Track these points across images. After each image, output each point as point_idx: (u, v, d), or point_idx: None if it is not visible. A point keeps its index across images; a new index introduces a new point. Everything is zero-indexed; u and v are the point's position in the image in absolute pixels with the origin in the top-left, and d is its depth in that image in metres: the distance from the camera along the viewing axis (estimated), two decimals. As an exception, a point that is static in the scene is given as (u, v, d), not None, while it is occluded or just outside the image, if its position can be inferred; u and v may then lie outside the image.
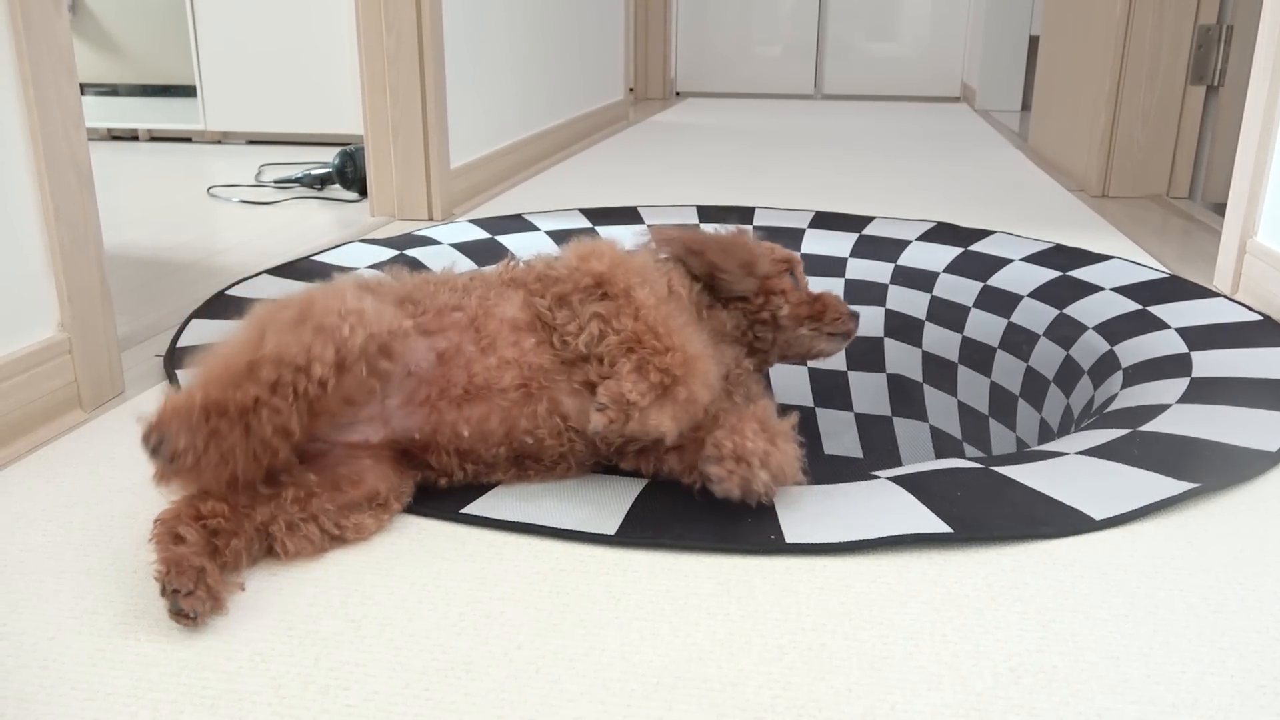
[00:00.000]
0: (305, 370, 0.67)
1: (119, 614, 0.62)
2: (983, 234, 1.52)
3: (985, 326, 1.31)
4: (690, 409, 0.73)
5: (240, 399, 0.65)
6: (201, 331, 1.11)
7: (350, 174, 2.02)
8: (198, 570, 0.61)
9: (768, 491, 0.72)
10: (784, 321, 0.94)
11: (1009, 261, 1.39)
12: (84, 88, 3.58)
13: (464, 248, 1.48)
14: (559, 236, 1.55)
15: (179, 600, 0.59)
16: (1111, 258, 1.38)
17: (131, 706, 0.54)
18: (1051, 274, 1.33)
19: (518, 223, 1.61)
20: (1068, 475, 0.78)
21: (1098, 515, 0.72)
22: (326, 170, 2.08)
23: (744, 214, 1.66)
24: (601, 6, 2.99)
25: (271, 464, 0.69)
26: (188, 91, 2.97)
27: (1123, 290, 1.24)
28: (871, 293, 1.44)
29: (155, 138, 2.95)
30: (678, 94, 4.36)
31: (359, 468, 0.73)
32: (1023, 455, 0.83)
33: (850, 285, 1.45)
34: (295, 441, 0.69)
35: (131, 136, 2.97)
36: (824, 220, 1.62)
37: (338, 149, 2.08)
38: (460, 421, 0.76)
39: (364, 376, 0.70)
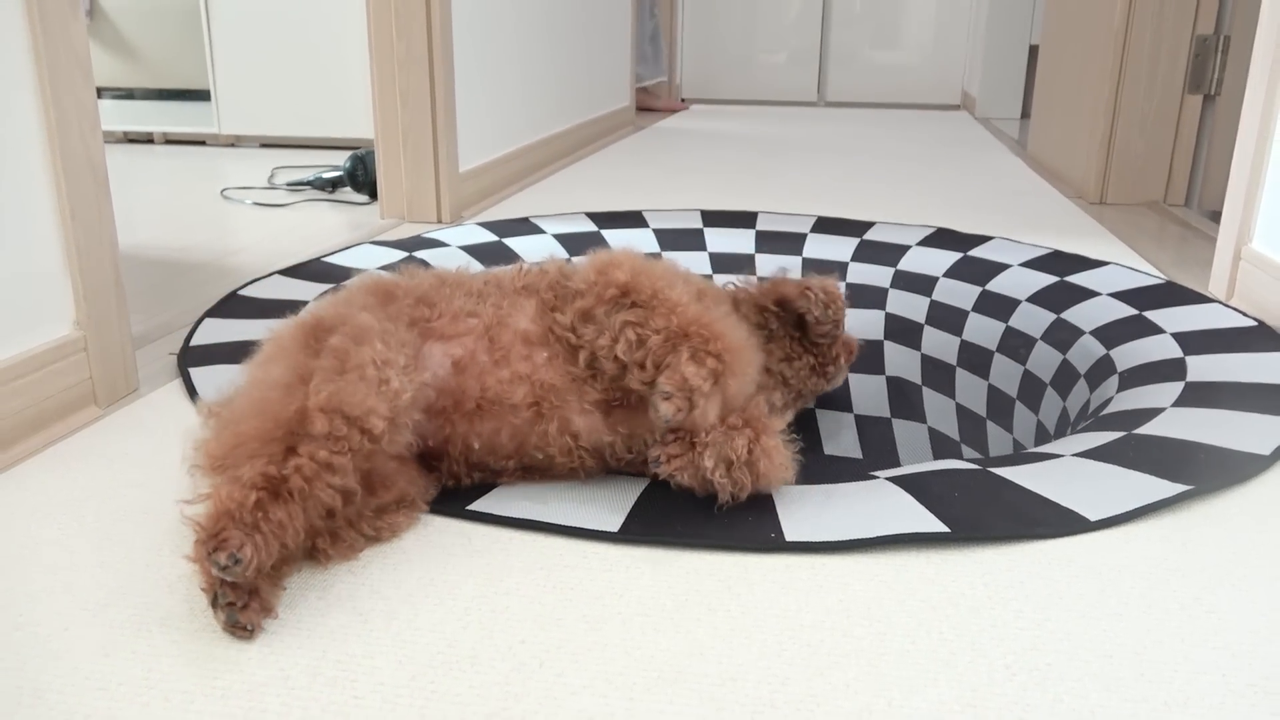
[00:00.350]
0: (361, 422, 0.65)
1: (132, 606, 0.62)
2: (982, 239, 1.52)
3: (983, 330, 1.31)
4: (733, 403, 0.73)
5: (301, 469, 0.62)
6: (214, 331, 1.12)
7: (361, 177, 2.03)
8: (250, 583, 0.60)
9: (734, 483, 0.71)
10: (836, 372, 0.99)
11: (1007, 266, 1.39)
12: (100, 91, 3.59)
13: (472, 250, 1.48)
14: (565, 239, 1.55)
15: (235, 613, 0.58)
16: (1108, 264, 1.38)
17: (144, 696, 0.54)
18: (1049, 279, 1.33)
19: (525, 226, 1.61)
20: (1064, 477, 0.78)
21: (1093, 516, 0.72)
22: (338, 173, 2.08)
23: (747, 218, 1.66)
24: (608, 14, 2.99)
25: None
26: (202, 96, 2.98)
27: (1119, 295, 1.24)
28: (872, 296, 1.44)
29: (170, 141, 2.96)
30: (683, 100, 4.35)
31: (388, 470, 0.72)
32: (1019, 457, 0.83)
33: (851, 289, 1.45)
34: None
35: (147, 139, 2.98)
36: (826, 225, 1.62)
37: (349, 153, 2.09)
38: (472, 435, 0.76)
39: (406, 430, 0.70)
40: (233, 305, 1.21)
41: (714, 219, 1.66)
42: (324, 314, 0.74)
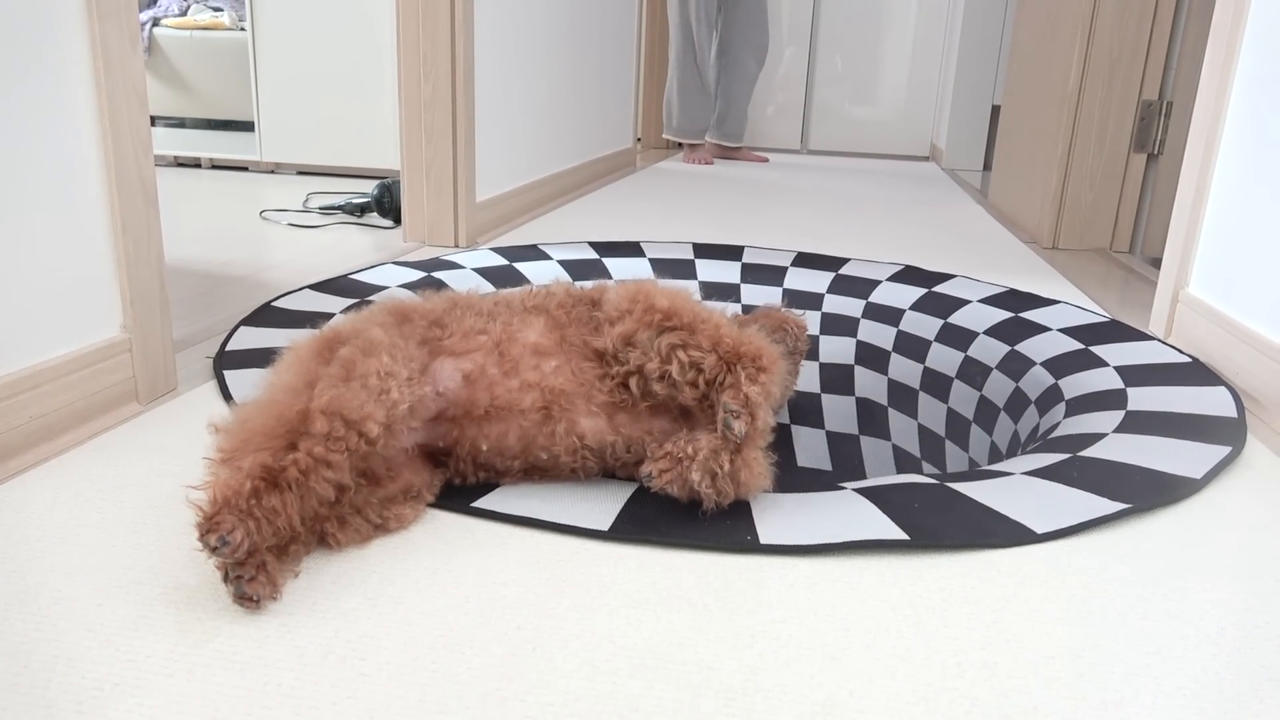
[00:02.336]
0: (358, 426, 0.64)
1: (162, 586, 0.62)
2: (945, 277, 1.52)
3: (944, 358, 1.31)
4: (775, 406, 0.75)
5: (297, 462, 0.61)
6: (248, 337, 1.11)
7: (387, 204, 2.03)
8: (259, 558, 0.59)
9: (719, 492, 0.70)
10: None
11: (967, 302, 1.39)
12: (154, 119, 3.61)
13: (485, 272, 1.48)
14: (569, 265, 1.55)
15: (243, 585, 0.58)
16: (1059, 302, 1.39)
17: (169, 668, 0.53)
18: (1005, 314, 1.33)
19: (533, 251, 1.61)
20: (1013, 492, 0.78)
21: (1039, 529, 0.72)
22: (366, 200, 2.08)
23: (735, 251, 1.66)
24: (614, 63, 3.00)
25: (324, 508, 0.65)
26: (246, 126, 2.99)
27: (1068, 331, 1.24)
28: (845, 325, 1.44)
29: (216, 166, 2.96)
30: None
31: (394, 463, 0.71)
32: (974, 474, 0.83)
33: (826, 318, 1.45)
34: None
35: (195, 164, 2.98)
36: (805, 260, 1.62)
37: (376, 181, 2.09)
38: (480, 437, 0.75)
39: (402, 436, 0.69)
40: (266, 315, 1.20)
41: (704, 251, 1.66)
42: (340, 328, 0.73)
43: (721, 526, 0.71)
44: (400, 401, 0.67)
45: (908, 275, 1.53)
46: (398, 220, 1.98)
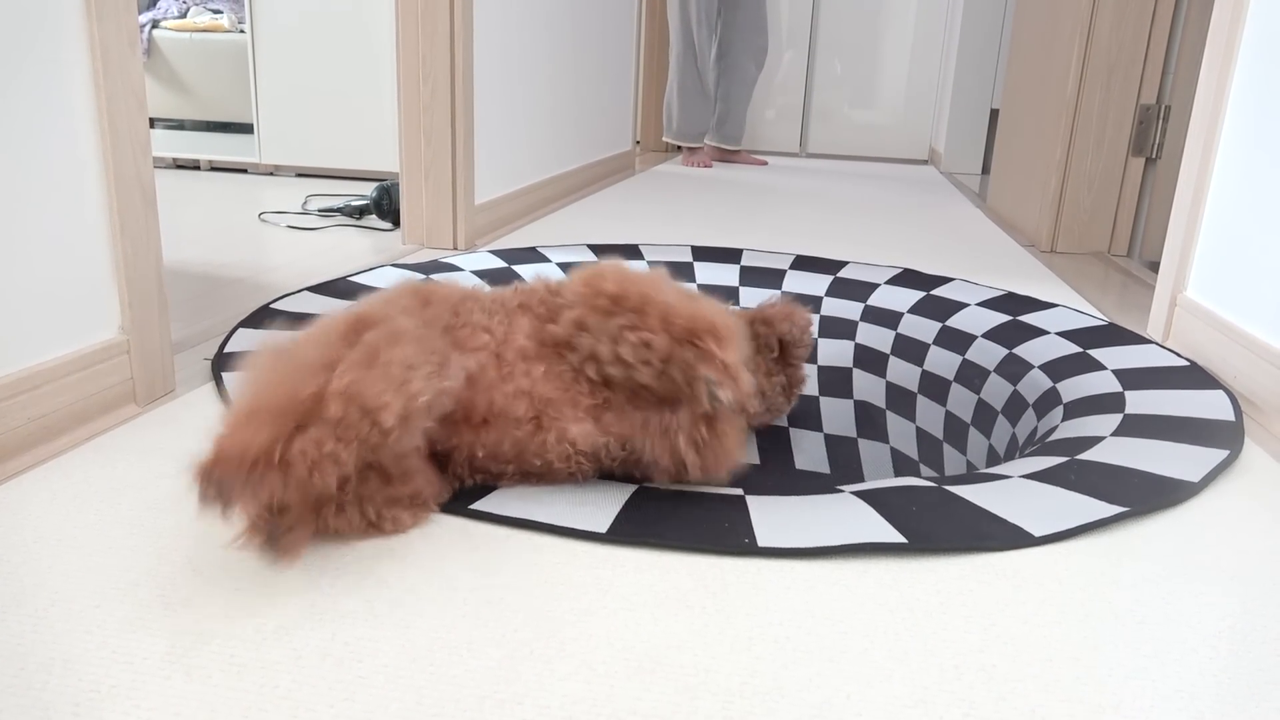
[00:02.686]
0: (373, 415, 0.62)
1: (159, 588, 0.62)
2: (943, 280, 1.52)
3: (943, 362, 1.31)
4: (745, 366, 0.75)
5: (304, 452, 0.60)
6: (246, 339, 1.11)
7: (386, 206, 2.03)
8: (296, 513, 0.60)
9: (704, 460, 0.72)
10: (795, 398, 1.06)
11: (966, 305, 1.39)
12: (154, 121, 3.61)
13: (483, 275, 1.48)
14: (568, 268, 1.55)
15: (279, 536, 0.59)
16: (1057, 306, 1.39)
17: (165, 670, 0.53)
18: (1003, 318, 1.33)
19: (531, 254, 1.62)
20: (1012, 496, 0.78)
21: (1037, 532, 0.72)
22: (365, 202, 2.08)
23: (733, 254, 1.66)
24: (614, 66, 3.01)
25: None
26: (245, 128, 2.99)
27: (1066, 334, 1.25)
28: (843, 328, 1.44)
29: (215, 168, 2.96)
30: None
31: (408, 466, 0.70)
32: (972, 476, 0.83)
33: (824, 321, 1.45)
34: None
35: (194, 166, 2.98)
36: (804, 263, 1.62)
37: (375, 183, 2.09)
38: (477, 444, 0.75)
39: (417, 432, 0.68)
40: (264, 317, 1.20)
41: (703, 254, 1.66)
42: (370, 311, 0.72)
43: (720, 529, 0.71)
44: (420, 394, 0.66)
45: (906, 278, 1.53)
46: (397, 222, 1.98)
